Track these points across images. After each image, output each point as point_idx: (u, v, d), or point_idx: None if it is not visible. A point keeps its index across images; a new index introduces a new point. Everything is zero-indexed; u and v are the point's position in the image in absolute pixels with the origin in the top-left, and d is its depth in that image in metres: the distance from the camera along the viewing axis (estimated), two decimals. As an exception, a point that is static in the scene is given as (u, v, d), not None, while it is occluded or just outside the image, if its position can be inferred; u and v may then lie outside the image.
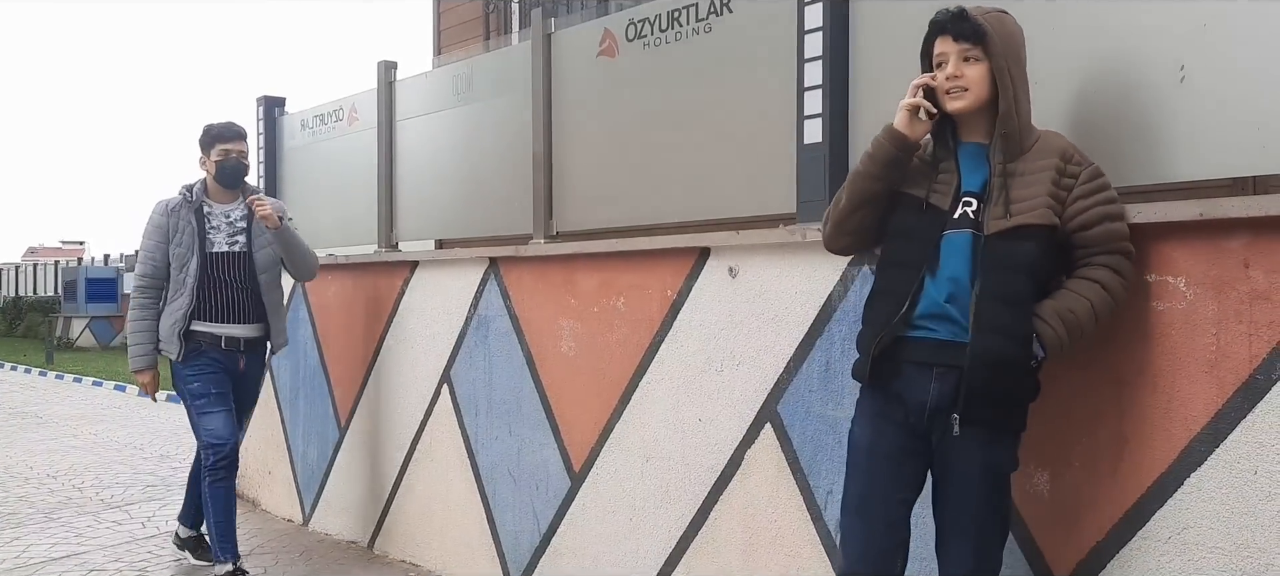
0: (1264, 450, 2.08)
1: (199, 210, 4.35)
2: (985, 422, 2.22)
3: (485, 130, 4.44)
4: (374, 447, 4.89)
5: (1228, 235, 2.12)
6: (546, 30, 4.06)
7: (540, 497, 3.93)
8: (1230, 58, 2.20)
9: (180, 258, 4.29)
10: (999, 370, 2.18)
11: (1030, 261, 2.18)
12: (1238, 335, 2.11)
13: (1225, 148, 2.22)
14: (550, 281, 3.89)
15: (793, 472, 3.03)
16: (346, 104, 5.37)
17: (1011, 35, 2.28)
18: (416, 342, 4.60)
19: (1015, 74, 2.25)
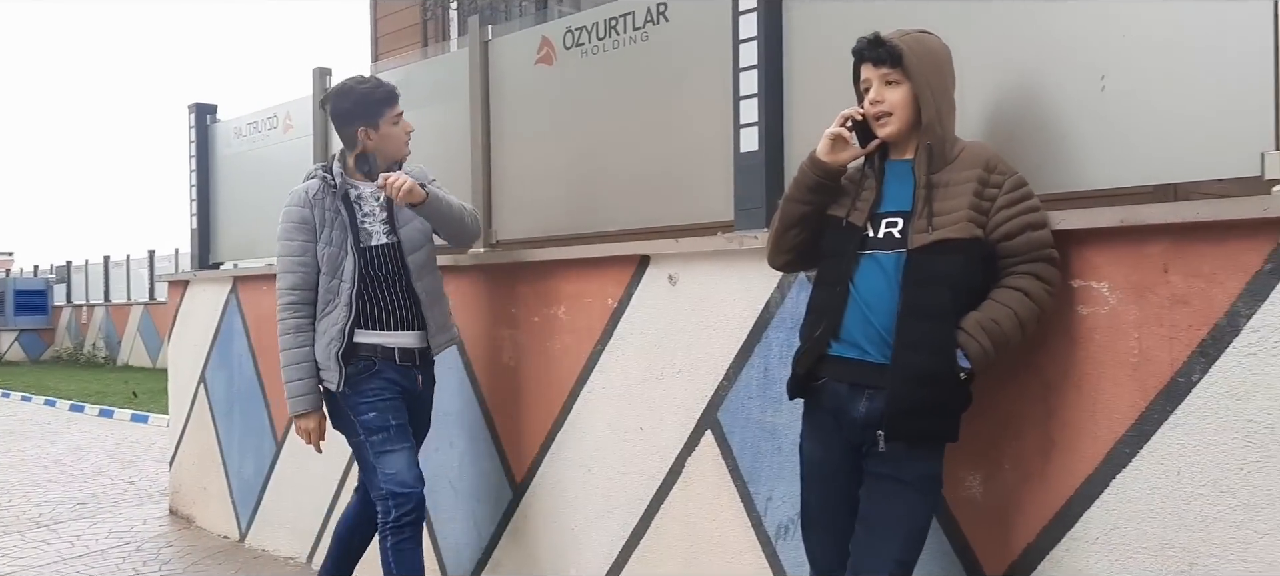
0: (1186, 451, 2.13)
1: (345, 196, 3.37)
2: (912, 436, 2.24)
3: (422, 138, 4.37)
4: (311, 462, 4.80)
5: (1148, 241, 2.18)
6: (484, 37, 4.04)
7: (481, 509, 3.90)
8: (1150, 67, 2.25)
9: (332, 260, 3.32)
10: (922, 386, 2.20)
11: (953, 275, 2.20)
12: (1159, 338, 2.16)
13: (1146, 155, 2.27)
14: (490, 290, 3.86)
15: (733, 479, 3.04)
16: (282, 111, 5.29)
17: (931, 52, 2.31)
18: (354, 354, 4.52)
19: (936, 89, 2.29)
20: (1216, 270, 2.09)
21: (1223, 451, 2.08)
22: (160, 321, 17.10)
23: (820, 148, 2.37)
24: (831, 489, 2.39)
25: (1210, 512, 2.10)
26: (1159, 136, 2.25)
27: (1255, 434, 2.04)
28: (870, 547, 2.26)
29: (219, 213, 5.82)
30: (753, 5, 3.02)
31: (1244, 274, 2.05)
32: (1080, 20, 2.36)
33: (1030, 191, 2.24)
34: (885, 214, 2.32)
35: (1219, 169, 2.20)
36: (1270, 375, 2.01)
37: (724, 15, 3.10)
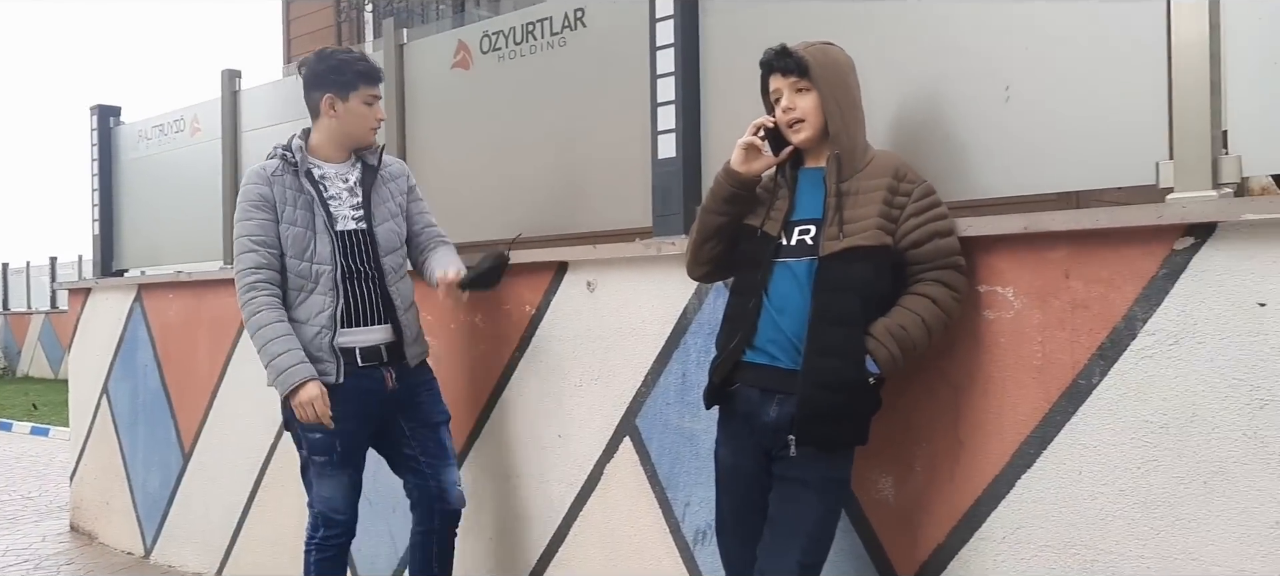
0: (1087, 452, 2.20)
1: (309, 174, 3.07)
2: (822, 440, 2.27)
3: (336, 143, 4.30)
4: (221, 474, 4.68)
5: (1050, 247, 2.24)
6: (399, 40, 3.98)
7: (397, 520, 3.83)
8: (1051, 78, 2.32)
9: (298, 241, 3.00)
10: (833, 391, 2.23)
11: (862, 281, 2.24)
12: (1061, 342, 2.23)
13: (1048, 164, 2.34)
14: (405, 298, 3.80)
15: (651, 486, 3.04)
16: (188, 114, 5.14)
17: (835, 62, 2.35)
18: (265, 363, 4.41)
19: (841, 99, 2.32)
20: (1115, 275, 2.15)
21: (1121, 451, 2.15)
22: (62, 331, 16.47)
23: (734, 158, 2.39)
24: (744, 494, 2.41)
25: (1110, 510, 2.16)
26: (1061, 146, 2.32)
27: (1150, 433, 2.11)
28: (775, 549, 2.28)
29: (123, 218, 5.63)
30: (670, 12, 3.03)
31: (1140, 279, 2.12)
32: (985, 32, 2.42)
33: (938, 200, 2.29)
34: (798, 222, 2.35)
35: (1117, 178, 2.28)
36: (1164, 377, 2.09)
37: (641, 21, 3.11)
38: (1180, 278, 2.07)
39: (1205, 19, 2.08)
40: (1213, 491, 2.03)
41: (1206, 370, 2.04)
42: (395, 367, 3.12)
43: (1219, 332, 2.02)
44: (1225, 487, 2.02)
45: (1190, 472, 2.06)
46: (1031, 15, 2.35)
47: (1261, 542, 1.98)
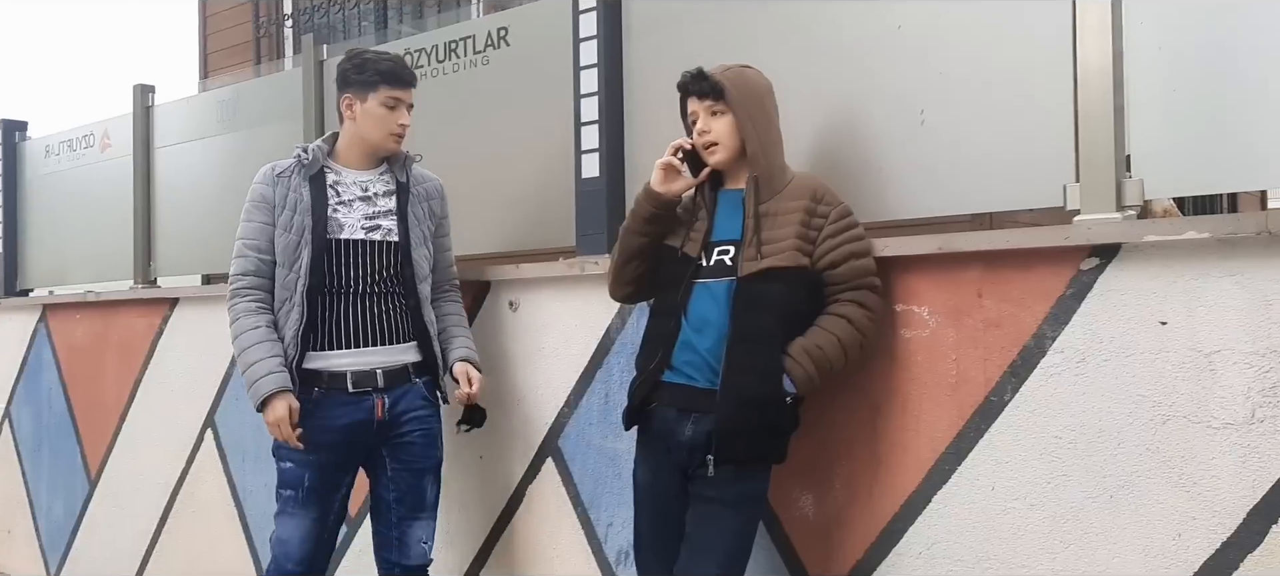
0: (1000, 467, 2.24)
1: (319, 177, 2.84)
2: (740, 458, 2.28)
3: (254, 159, 4.18)
4: (129, 500, 4.52)
5: (964, 267, 2.29)
6: (319, 57, 3.92)
7: (314, 545, 3.74)
8: (965, 103, 2.38)
9: (287, 250, 2.75)
10: (750, 410, 2.25)
11: (779, 301, 2.26)
12: (974, 360, 2.28)
13: (962, 186, 2.40)
14: (324, 318, 3.73)
15: (574, 507, 3.02)
16: (98, 129, 4.98)
17: (752, 85, 2.38)
18: (177, 385, 4.29)
19: (757, 121, 2.35)
20: (1025, 295, 2.21)
21: (1032, 466, 2.20)
22: (-38, 353, 15.77)
23: (654, 178, 2.41)
24: (661, 514, 2.41)
25: (1021, 525, 2.21)
26: (973, 169, 2.37)
27: (1060, 449, 2.16)
28: (690, 566, 2.29)
29: (28, 236, 5.42)
30: (593, 32, 3.04)
31: (1048, 298, 2.18)
32: (900, 57, 2.48)
33: (855, 221, 2.32)
34: (718, 243, 2.37)
35: (1027, 200, 2.34)
36: (1072, 393, 2.15)
37: (565, 41, 3.11)
38: (1086, 297, 2.13)
39: (1109, 47, 2.15)
40: (1118, 504, 2.09)
41: (1112, 387, 2.10)
42: (393, 395, 2.81)
43: (1123, 351, 2.09)
44: (1130, 501, 2.08)
45: (1097, 487, 2.12)
46: (944, 43, 2.41)
47: (1164, 554, 2.04)
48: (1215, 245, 1.98)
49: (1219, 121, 2.06)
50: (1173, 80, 2.11)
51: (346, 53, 2.93)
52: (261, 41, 6.62)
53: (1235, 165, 2.08)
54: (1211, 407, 1.99)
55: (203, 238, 4.47)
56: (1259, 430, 1.94)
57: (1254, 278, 1.95)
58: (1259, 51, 2.02)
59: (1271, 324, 1.93)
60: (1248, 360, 1.95)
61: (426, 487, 2.90)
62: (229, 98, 4.32)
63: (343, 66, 2.87)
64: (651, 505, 2.43)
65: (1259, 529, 1.95)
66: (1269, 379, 1.93)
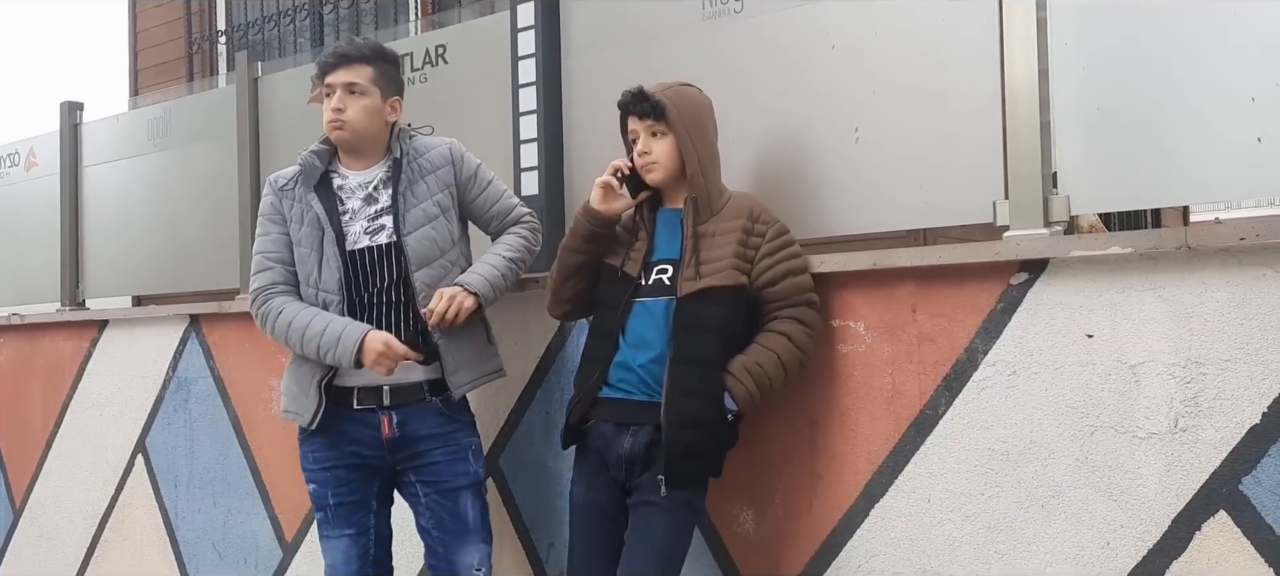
0: (935, 479, 2.28)
1: (324, 181, 2.66)
2: (687, 478, 2.29)
3: (186, 178, 4.14)
4: (55, 529, 4.39)
5: (898, 283, 2.33)
6: (253, 74, 3.86)
7: (249, 570, 3.66)
8: (898, 121, 2.42)
9: (303, 264, 2.61)
10: (695, 430, 2.26)
11: (718, 321, 2.28)
12: (909, 374, 2.31)
13: (896, 203, 2.44)
14: (258, 339, 3.63)
15: (515, 526, 3.00)
16: (24, 147, 4.85)
17: (692, 104, 2.39)
18: (106, 410, 4.18)
19: (697, 140, 2.37)
20: (957, 309, 2.25)
21: (966, 478, 2.23)
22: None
23: (593, 197, 2.41)
24: (595, 531, 2.41)
25: (957, 536, 2.24)
26: (907, 186, 2.41)
27: (993, 461, 2.20)
28: (627, 564, 2.31)
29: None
30: (532, 50, 3.04)
31: (980, 313, 2.22)
32: (836, 75, 2.51)
33: (792, 239, 2.35)
34: (657, 262, 2.38)
35: (959, 216, 2.39)
36: (1004, 406, 2.19)
37: (504, 58, 3.10)
38: (1017, 311, 2.18)
39: (1035, 67, 2.21)
40: (1050, 514, 2.14)
41: (1042, 399, 2.15)
42: (403, 413, 2.61)
43: (1052, 363, 2.14)
44: (1061, 510, 2.12)
45: (1029, 497, 2.16)
46: (878, 62, 2.45)
47: (1093, 562, 2.09)
48: (1138, 260, 2.04)
49: (1142, 139, 2.12)
50: (1097, 99, 2.17)
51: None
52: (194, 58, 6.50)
53: (1158, 181, 2.15)
54: (1137, 418, 2.04)
55: (133, 258, 4.37)
56: (1182, 439, 2.00)
57: (1175, 291, 2.01)
58: (1179, 71, 2.09)
59: (1192, 335, 1.99)
60: (1170, 371, 2.01)
61: (465, 507, 2.62)
62: (160, 115, 4.24)
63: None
64: (586, 522, 2.43)
65: (1184, 535, 2.00)
66: (1190, 389, 1.99)
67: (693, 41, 2.75)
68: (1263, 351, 1.93)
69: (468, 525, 2.63)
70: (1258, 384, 1.93)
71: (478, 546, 2.63)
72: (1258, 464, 1.93)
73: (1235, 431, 1.95)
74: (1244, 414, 1.94)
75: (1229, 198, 2.23)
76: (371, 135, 2.64)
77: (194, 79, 6.40)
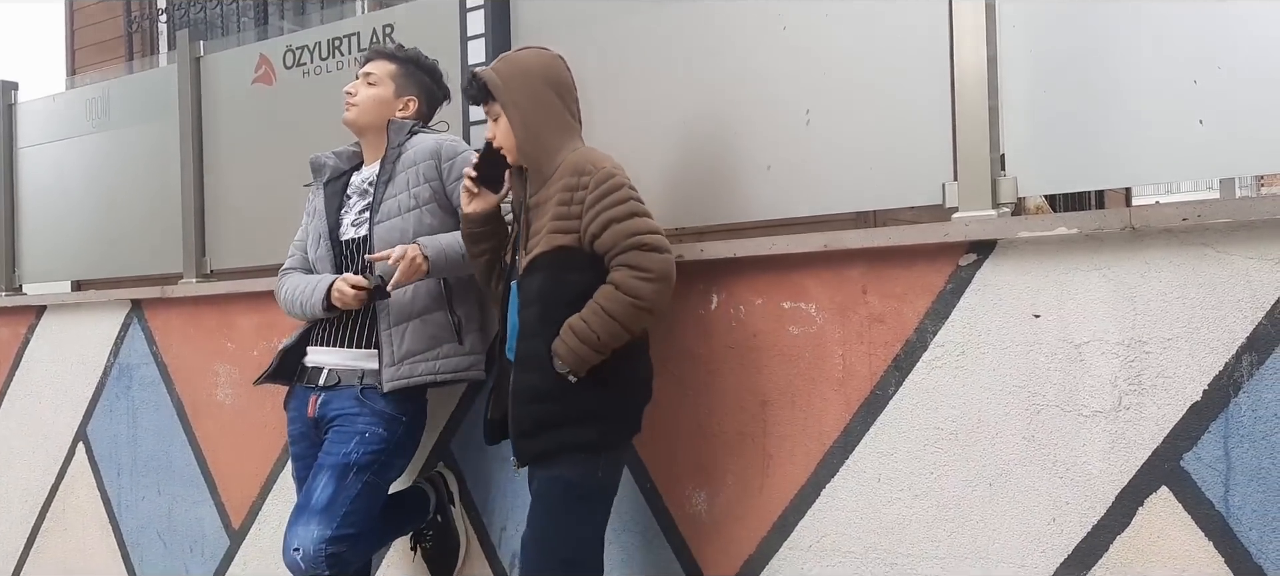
0: (885, 459, 2.30)
1: (344, 177, 2.83)
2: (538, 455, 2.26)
3: (126, 160, 4.04)
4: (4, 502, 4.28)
5: (849, 265, 2.34)
6: (195, 53, 3.78)
7: (195, 559, 3.60)
8: (849, 104, 2.43)
9: (309, 251, 2.81)
10: (533, 402, 2.24)
11: (543, 291, 2.23)
12: (860, 354, 2.33)
13: (846, 185, 2.45)
14: (203, 324, 3.60)
15: (466, 509, 2.98)
16: (-45, 128, 4.70)
17: (521, 71, 2.30)
18: (45, 397, 4.08)
19: (526, 108, 2.29)
20: (907, 290, 2.27)
21: (915, 457, 2.26)
22: None
23: (462, 202, 2.43)
24: None
25: (907, 514, 2.27)
26: (857, 168, 2.42)
27: (942, 440, 2.23)
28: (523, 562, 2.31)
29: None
30: (481, 31, 3.01)
31: (929, 294, 2.24)
32: (787, 58, 2.51)
33: (617, 185, 2.21)
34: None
35: (909, 198, 2.41)
36: (952, 386, 2.21)
37: (452, 39, 3.06)
38: (965, 292, 2.20)
39: (984, 51, 2.23)
40: (997, 492, 2.17)
41: (989, 379, 2.17)
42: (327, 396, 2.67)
43: (1000, 343, 2.16)
44: (1007, 488, 2.15)
45: (977, 475, 2.19)
46: (829, 45, 2.45)
47: (1039, 538, 2.12)
48: (1083, 241, 2.07)
49: (1087, 122, 2.15)
50: (1043, 83, 2.20)
51: None
52: (134, 37, 6.33)
53: (1102, 164, 2.18)
54: (1082, 396, 2.08)
55: (72, 242, 4.26)
56: (1125, 416, 2.04)
57: (1119, 271, 2.04)
58: (1123, 57, 2.12)
59: (1136, 315, 2.02)
60: (1114, 350, 2.04)
61: (318, 485, 2.59)
62: (99, 95, 4.13)
63: None
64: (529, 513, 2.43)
65: (1127, 510, 2.04)
66: (1134, 368, 2.03)
67: (643, 22, 2.73)
68: (1203, 330, 1.97)
69: (309, 502, 2.58)
70: (1199, 362, 1.97)
71: (307, 526, 2.54)
72: (1198, 440, 1.97)
73: (1177, 409, 1.99)
74: (1186, 391, 1.98)
75: (1171, 179, 2.27)
76: (376, 125, 2.77)
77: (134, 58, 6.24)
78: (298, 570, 2.54)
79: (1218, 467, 1.96)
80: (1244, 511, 1.94)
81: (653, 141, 2.69)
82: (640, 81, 2.73)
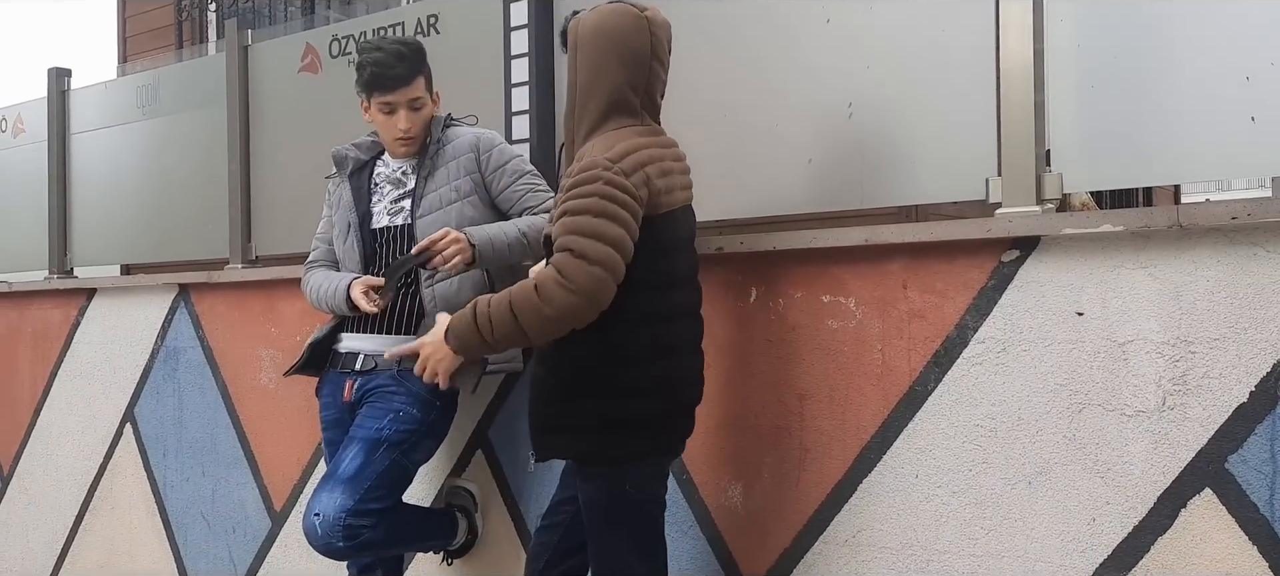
0: (923, 455, 2.28)
1: (367, 168, 2.82)
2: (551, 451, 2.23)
3: (175, 146, 4.12)
4: (44, 497, 4.38)
5: (889, 259, 2.32)
6: (243, 42, 3.83)
7: (237, 541, 3.67)
8: (892, 98, 2.42)
9: (336, 243, 2.83)
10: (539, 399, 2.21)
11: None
12: (899, 350, 2.31)
13: (888, 179, 2.43)
14: (248, 309, 3.65)
15: (503, 497, 3.01)
16: (11, 113, 4.81)
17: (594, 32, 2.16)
18: (94, 378, 4.17)
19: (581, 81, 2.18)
20: (948, 286, 2.25)
21: (954, 454, 2.24)
22: None
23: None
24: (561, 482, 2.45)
25: (944, 511, 2.26)
26: (899, 162, 2.41)
27: (981, 437, 2.21)
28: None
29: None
30: (524, 21, 3.02)
31: (971, 290, 2.22)
32: (830, 51, 2.50)
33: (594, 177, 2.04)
34: None
35: (951, 193, 2.39)
36: (993, 382, 2.19)
37: (496, 30, 3.08)
38: (1007, 288, 2.18)
39: (1030, 46, 2.20)
40: (1036, 491, 2.15)
41: (1031, 376, 2.15)
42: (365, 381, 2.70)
43: (1042, 340, 2.14)
44: (1047, 487, 2.13)
45: (1016, 473, 2.17)
46: (872, 38, 2.44)
47: (1079, 538, 2.10)
48: (1129, 238, 2.04)
49: (1135, 118, 2.12)
50: (1091, 78, 2.17)
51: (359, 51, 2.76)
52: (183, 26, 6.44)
53: (1150, 160, 2.15)
54: (1125, 396, 2.05)
55: (122, 226, 4.35)
56: (1169, 417, 2.01)
57: (1166, 270, 2.01)
58: (1172, 51, 2.08)
59: (1182, 314, 1.99)
60: (1159, 349, 2.02)
61: (349, 454, 2.59)
62: (149, 83, 4.20)
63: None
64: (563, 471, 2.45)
65: (1169, 512, 2.01)
66: (1179, 368, 2.00)
67: (687, 13, 2.73)
68: (1251, 331, 1.93)
69: (336, 471, 2.59)
70: (1246, 363, 1.94)
71: (331, 493, 2.54)
72: (1244, 442, 1.94)
73: (1222, 410, 1.96)
74: (1232, 393, 1.95)
75: (1222, 177, 2.23)
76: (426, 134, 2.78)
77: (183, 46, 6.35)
78: (313, 535, 2.54)
79: (1264, 470, 1.93)
80: (1290, 516, 1.91)
81: (694, 133, 2.67)
82: (682, 73, 2.71)
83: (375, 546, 2.65)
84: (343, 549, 2.55)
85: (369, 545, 2.60)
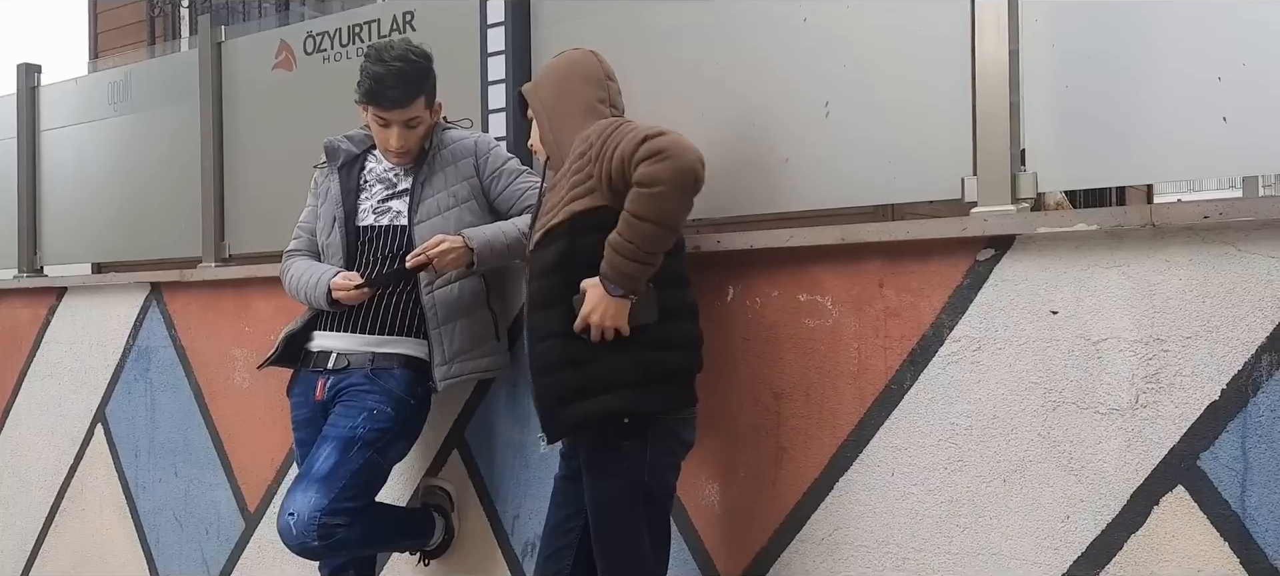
0: (899, 454, 2.29)
1: (357, 162, 2.79)
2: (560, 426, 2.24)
3: (147, 144, 4.07)
4: (12, 499, 4.32)
5: (865, 258, 2.33)
6: (216, 38, 3.80)
7: (211, 542, 3.63)
8: (868, 98, 2.42)
9: (320, 235, 2.80)
10: (547, 374, 2.24)
11: (560, 259, 2.21)
12: (875, 349, 2.32)
13: (865, 178, 2.44)
14: (221, 308, 3.62)
15: (480, 499, 2.99)
16: (-21, 110, 4.74)
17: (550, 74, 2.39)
18: (64, 378, 4.12)
19: (550, 104, 2.35)
20: (924, 285, 2.26)
21: (929, 452, 2.25)
22: None
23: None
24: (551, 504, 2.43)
25: (919, 510, 2.26)
26: (876, 161, 2.41)
27: (956, 436, 2.22)
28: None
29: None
30: (501, 19, 3.01)
31: (947, 288, 2.23)
32: (806, 50, 2.50)
33: (619, 122, 2.19)
34: None
35: (927, 192, 2.40)
36: (968, 381, 2.20)
37: (472, 27, 3.07)
38: (982, 287, 2.19)
39: (1005, 46, 2.21)
40: (1011, 488, 2.16)
41: (1005, 375, 2.16)
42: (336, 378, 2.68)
43: (1016, 339, 2.15)
44: (1022, 485, 2.14)
45: (991, 471, 2.18)
46: (849, 37, 2.44)
47: (1053, 535, 2.11)
48: (1103, 237, 2.06)
49: (1109, 118, 2.14)
50: (1065, 78, 2.18)
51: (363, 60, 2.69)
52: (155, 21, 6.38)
53: (1123, 160, 2.17)
54: (1099, 394, 2.06)
55: (92, 224, 4.30)
56: (1142, 415, 2.02)
57: (1139, 268, 2.02)
58: (1146, 52, 2.10)
59: (1155, 313, 2.01)
60: (1132, 348, 2.03)
61: (323, 453, 2.58)
62: (121, 79, 4.16)
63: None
64: (554, 496, 2.45)
65: (1142, 509, 2.03)
66: (1152, 366, 2.01)
67: (662, 13, 2.73)
68: (1223, 329, 1.95)
69: (310, 471, 2.58)
70: (1218, 361, 1.96)
71: (305, 493, 2.53)
72: (1216, 440, 1.96)
73: (1195, 408, 1.98)
74: (1204, 390, 1.97)
75: (1194, 176, 2.25)
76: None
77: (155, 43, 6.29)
78: (288, 534, 2.52)
79: (1235, 468, 1.94)
80: (1261, 512, 1.92)
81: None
82: (658, 73, 2.73)
83: (350, 545, 2.63)
84: (318, 548, 2.54)
85: (344, 544, 2.58)
